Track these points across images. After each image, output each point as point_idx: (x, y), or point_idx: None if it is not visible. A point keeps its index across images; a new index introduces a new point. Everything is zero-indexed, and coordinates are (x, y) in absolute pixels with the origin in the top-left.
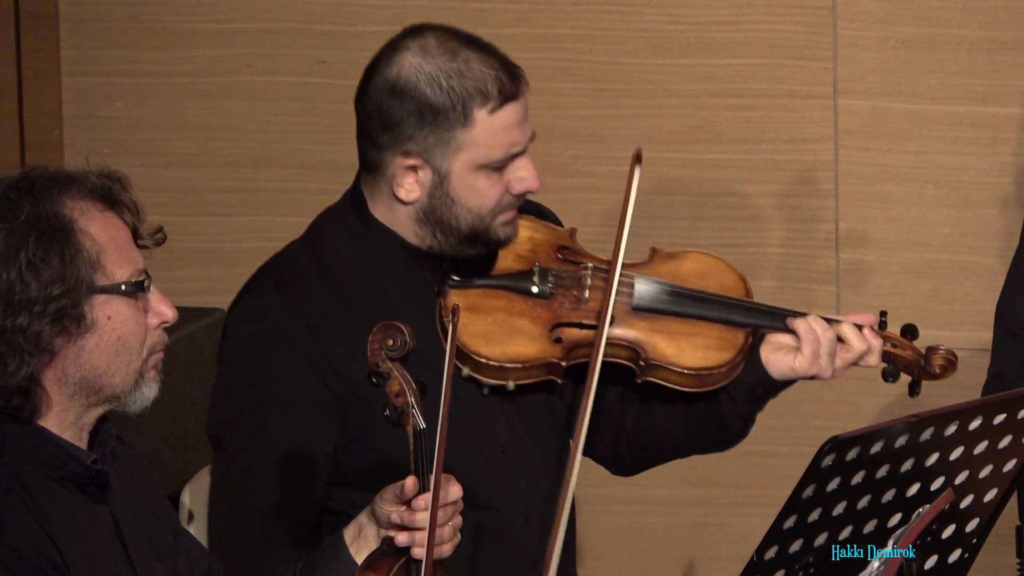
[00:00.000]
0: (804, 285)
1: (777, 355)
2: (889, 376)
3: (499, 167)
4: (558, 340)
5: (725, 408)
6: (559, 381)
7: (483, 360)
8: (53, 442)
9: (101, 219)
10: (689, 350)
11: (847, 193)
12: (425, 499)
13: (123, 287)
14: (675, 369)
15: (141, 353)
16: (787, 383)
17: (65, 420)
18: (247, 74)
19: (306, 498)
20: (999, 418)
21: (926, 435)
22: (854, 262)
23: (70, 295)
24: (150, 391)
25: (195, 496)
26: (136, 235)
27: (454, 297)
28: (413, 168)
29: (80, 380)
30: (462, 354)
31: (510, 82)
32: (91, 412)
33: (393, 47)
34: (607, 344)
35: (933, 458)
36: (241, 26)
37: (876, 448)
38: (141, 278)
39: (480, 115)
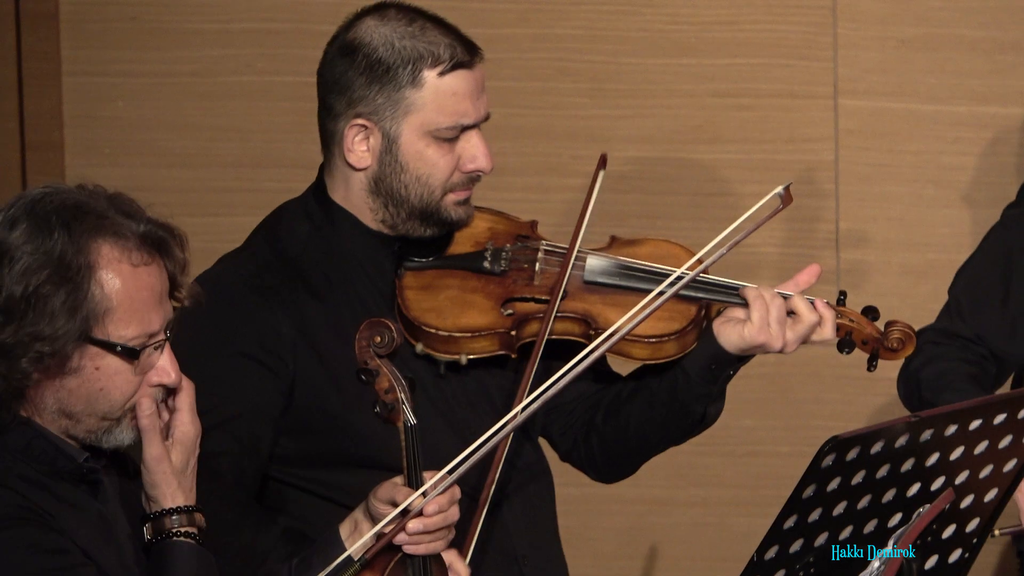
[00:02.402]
0: None
1: (728, 326)
2: (844, 347)
3: (449, 138)
4: (510, 313)
5: (682, 388)
6: (512, 355)
7: (433, 331)
8: (44, 438)
9: (129, 274)
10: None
11: (847, 193)
12: (421, 521)
13: (118, 348)
14: (627, 337)
15: (122, 406)
16: (741, 359)
17: (52, 429)
18: (247, 74)
19: (249, 454)
20: (999, 418)
21: (926, 435)
22: (854, 262)
23: (56, 342)
24: (125, 436)
25: None
26: (174, 288)
27: (410, 277)
28: (363, 130)
29: (57, 410)
30: (414, 328)
31: (464, 51)
32: (71, 432)
33: (354, 16)
34: (559, 319)
35: (933, 458)
36: (241, 26)
37: (876, 448)
38: (143, 344)
39: (429, 76)
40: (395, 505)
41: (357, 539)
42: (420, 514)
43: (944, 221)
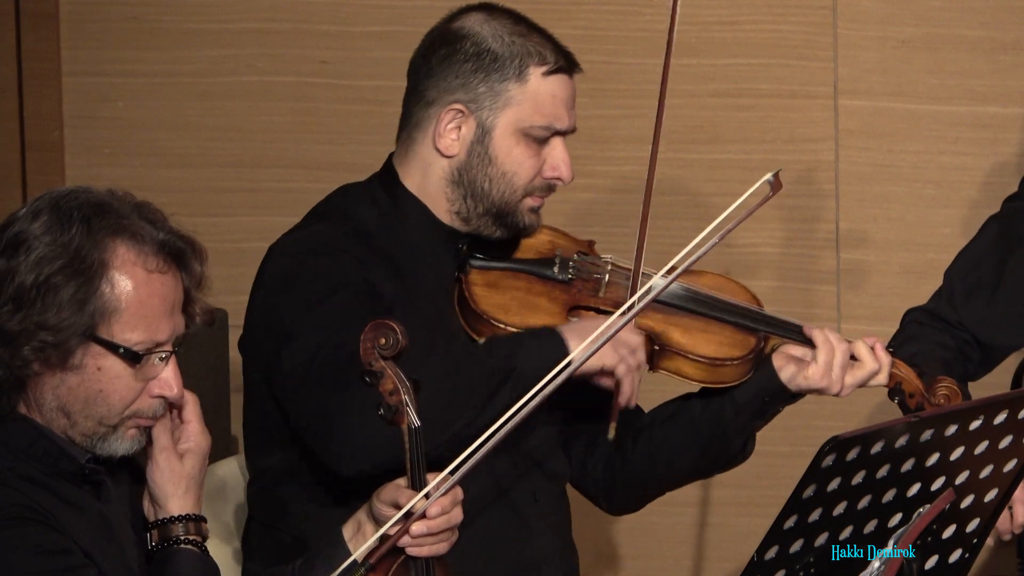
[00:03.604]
0: (804, 285)
1: (789, 363)
2: (895, 396)
3: (540, 139)
4: (574, 319)
5: (729, 418)
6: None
7: (501, 326)
8: (47, 438)
9: (142, 279)
10: (702, 343)
11: (847, 193)
12: (424, 523)
13: (121, 350)
14: (687, 355)
15: (120, 413)
16: (792, 397)
17: (54, 429)
18: (247, 74)
19: None
20: (999, 418)
21: (926, 435)
22: (854, 262)
23: (59, 332)
24: (121, 446)
25: None
26: (188, 302)
27: (476, 274)
28: (459, 116)
29: (56, 407)
30: (481, 322)
31: (567, 59)
32: (69, 434)
33: (458, 11)
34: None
35: (934, 458)
36: (241, 26)
37: (877, 448)
38: (147, 349)
39: (535, 74)
40: (398, 507)
41: (360, 540)
42: (423, 516)
43: (944, 221)
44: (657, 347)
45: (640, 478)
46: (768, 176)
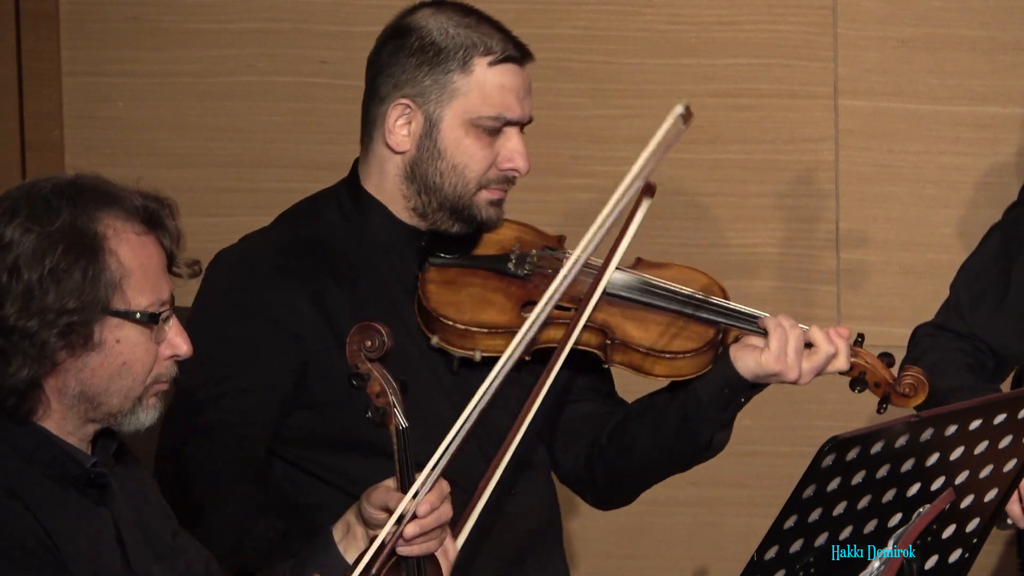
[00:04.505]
0: (804, 285)
1: (745, 351)
2: (857, 385)
3: (490, 129)
4: (527, 314)
5: (692, 411)
6: (526, 358)
7: (450, 323)
8: (53, 443)
9: (136, 243)
10: (657, 336)
11: (847, 193)
12: (415, 523)
13: (138, 315)
14: (641, 349)
15: (144, 380)
16: (755, 387)
17: (64, 427)
18: (247, 74)
19: (254, 427)
20: (999, 418)
21: (926, 435)
22: (854, 262)
23: (83, 312)
24: (146, 417)
25: None
26: (172, 262)
27: (434, 272)
28: (407, 111)
29: (79, 393)
30: (432, 320)
31: (515, 48)
32: (88, 426)
33: (409, 8)
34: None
35: (933, 458)
36: (241, 26)
37: (876, 448)
38: (160, 310)
39: (479, 64)
40: (387, 510)
41: (351, 541)
42: (414, 517)
43: (944, 221)
44: (610, 341)
45: (617, 470)
46: (679, 108)
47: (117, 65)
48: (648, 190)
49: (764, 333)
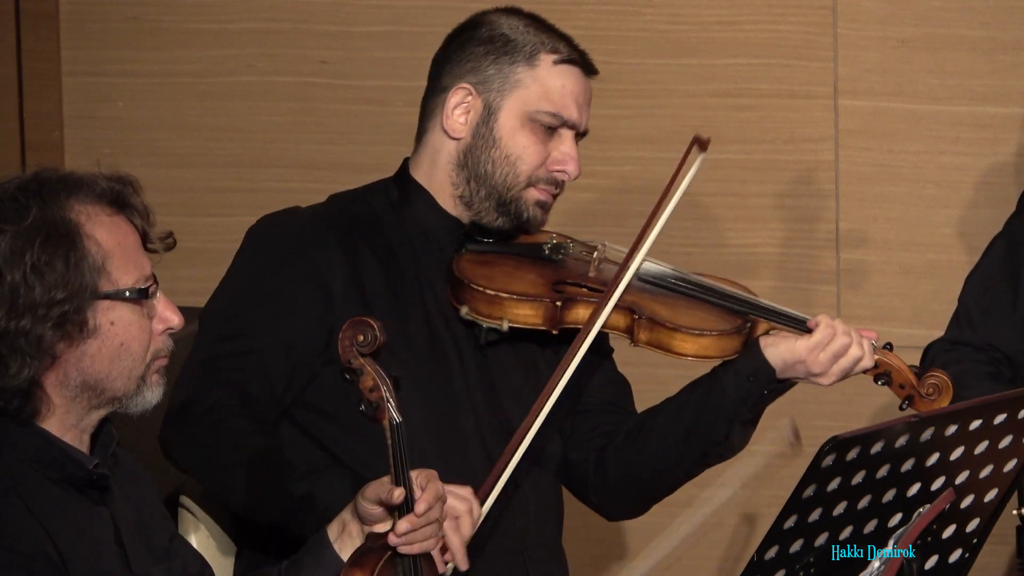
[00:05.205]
0: (804, 285)
1: (777, 339)
2: (880, 379)
3: (547, 127)
4: (559, 291)
5: (714, 400)
6: (553, 331)
7: (480, 289)
8: (54, 444)
9: (109, 223)
10: (686, 317)
11: (847, 193)
12: (410, 521)
13: (127, 294)
14: (668, 325)
15: (144, 358)
16: (780, 383)
17: (66, 422)
18: (247, 74)
19: (263, 382)
20: (999, 418)
21: (926, 435)
22: (854, 262)
23: (73, 300)
24: (152, 395)
25: (191, 500)
26: (146, 239)
27: (469, 255)
28: (467, 96)
29: (81, 383)
30: (462, 288)
31: (580, 56)
32: (93, 414)
33: (480, 13)
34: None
35: (934, 458)
36: (241, 26)
37: (877, 448)
38: (146, 285)
39: (545, 60)
40: (382, 503)
41: (346, 540)
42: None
43: (944, 221)
44: (638, 317)
45: (629, 470)
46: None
47: (117, 65)
48: (700, 144)
49: (806, 331)
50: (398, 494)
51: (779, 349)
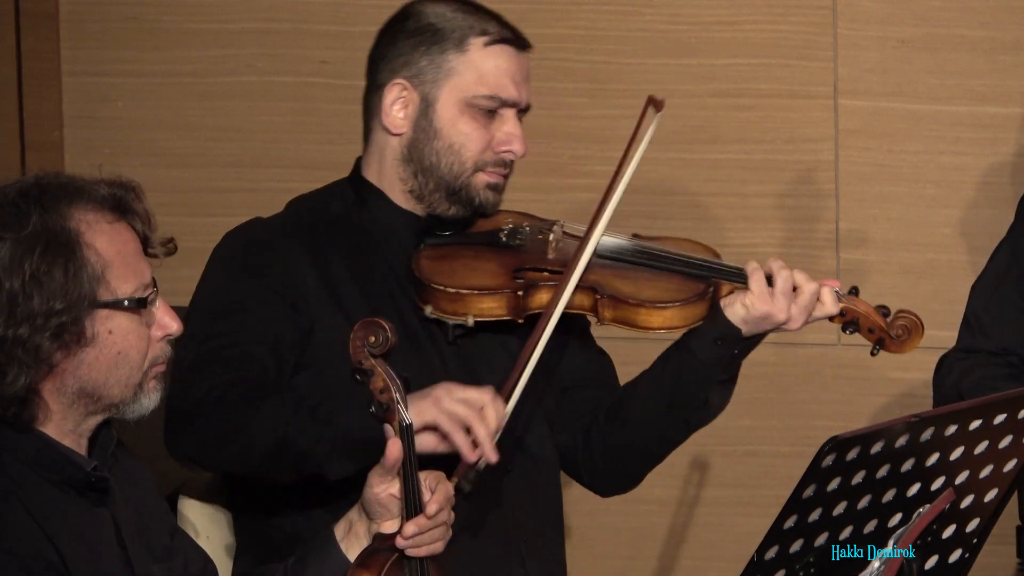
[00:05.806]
0: None
1: (733, 300)
2: (848, 327)
3: (485, 109)
4: (519, 278)
5: (688, 368)
6: (519, 320)
7: (441, 288)
8: (52, 447)
9: (109, 231)
10: (647, 289)
11: (847, 193)
12: (418, 523)
13: (126, 303)
14: (631, 301)
15: (142, 366)
16: (748, 340)
17: (64, 427)
18: (247, 74)
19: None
20: (999, 418)
21: (926, 435)
22: (854, 262)
23: (71, 311)
24: (149, 401)
25: (191, 500)
26: (147, 245)
27: (428, 250)
28: (403, 92)
29: (78, 391)
30: (424, 288)
31: (512, 34)
32: (90, 419)
33: (406, 4)
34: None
35: (933, 458)
36: (241, 26)
37: (876, 448)
38: (146, 293)
39: (475, 44)
40: (385, 464)
41: (352, 539)
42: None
43: (944, 221)
44: (600, 296)
45: (615, 444)
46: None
47: (117, 65)
48: (655, 104)
49: (746, 280)
50: (395, 446)
51: (735, 308)
